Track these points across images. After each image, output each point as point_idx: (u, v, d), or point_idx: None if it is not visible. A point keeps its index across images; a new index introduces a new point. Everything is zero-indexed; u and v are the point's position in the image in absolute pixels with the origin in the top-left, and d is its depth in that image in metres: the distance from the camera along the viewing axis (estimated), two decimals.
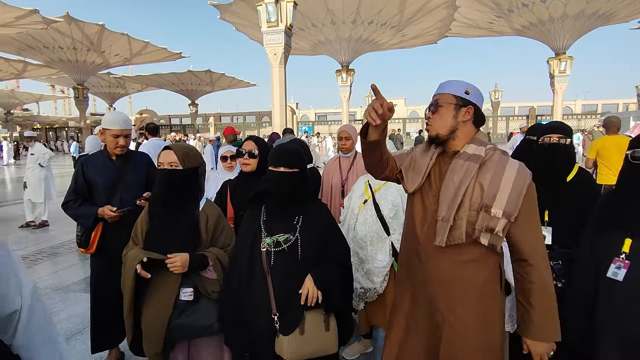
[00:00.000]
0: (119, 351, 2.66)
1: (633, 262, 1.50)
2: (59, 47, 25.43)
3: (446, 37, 27.74)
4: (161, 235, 1.72)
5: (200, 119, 44.12)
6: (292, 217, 1.60)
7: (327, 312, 1.55)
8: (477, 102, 1.42)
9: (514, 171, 1.33)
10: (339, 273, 1.61)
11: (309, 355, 1.50)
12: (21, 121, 51.57)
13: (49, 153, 7.24)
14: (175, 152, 1.73)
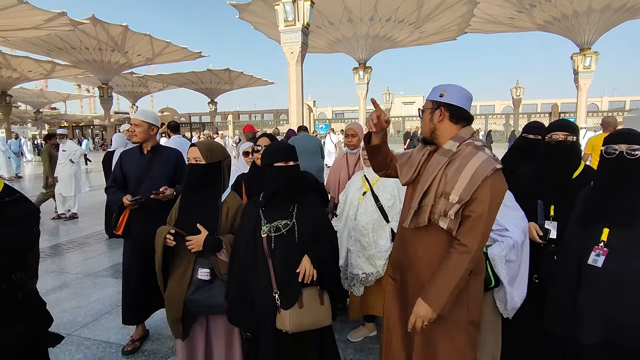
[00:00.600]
0: (145, 328, 2.90)
1: (610, 250, 1.64)
2: (85, 48, 26.32)
3: (465, 33, 27.27)
4: (187, 219, 1.92)
5: (219, 117, 44.85)
6: (288, 205, 1.78)
7: (321, 288, 1.74)
8: (453, 102, 1.55)
9: (476, 163, 1.45)
10: (331, 252, 1.80)
11: (307, 327, 1.68)
12: (49, 119, 53.58)
13: (79, 150, 7.64)
14: (200, 149, 1.94)
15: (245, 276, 1.75)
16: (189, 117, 56.08)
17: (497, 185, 1.46)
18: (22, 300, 1.69)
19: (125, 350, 2.70)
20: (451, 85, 1.59)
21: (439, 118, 1.57)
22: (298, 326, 1.65)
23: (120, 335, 2.90)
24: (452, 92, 1.55)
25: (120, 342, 2.81)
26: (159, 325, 2.98)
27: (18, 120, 52.44)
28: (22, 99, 45.86)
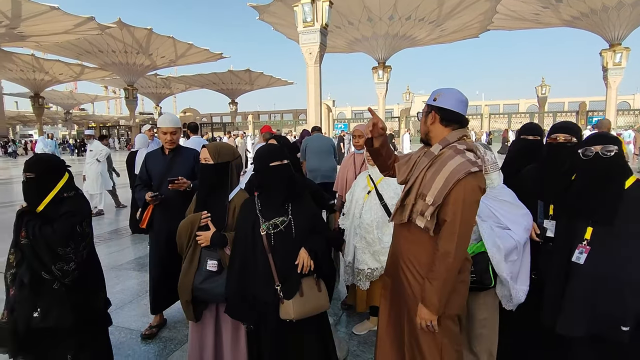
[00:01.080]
0: (163, 317, 3.09)
1: (593, 248, 1.72)
2: (112, 50, 27.30)
3: (488, 31, 26.71)
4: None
5: (239, 117, 45.54)
6: (283, 204, 1.87)
7: (318, 276, 1.85)
8: (444, 105, 1.61)
9: (451, 167, 1.52)
10: (325, 242, 1.91)
11: (309, 313, 1.79)
12: (78, 120, 55.76)
13: (105, 149, 7.99)
14: (209, 150, 2.08)
15: (246, 273, 1.86)
16: (211, 118, 57.20)
17: (470, 188, 1.49)
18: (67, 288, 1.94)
19: (143, 334, 2.89)
20: (447, 89, 1.65)
21: (431, 121, 1.65)
22: (301, 313, 1.76)
23: (140, 322, 3.08)
24: (445, 95, 1.63)
25: (140, 329, 2.98)
26: (176, 315, 3.14)
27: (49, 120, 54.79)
28: (53, 101, 47.94)
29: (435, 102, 1.64)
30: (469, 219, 1.52)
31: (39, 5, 19.69)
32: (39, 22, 21.07)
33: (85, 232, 2.04)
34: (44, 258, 1.89)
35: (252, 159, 2.36)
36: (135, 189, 2.96)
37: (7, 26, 20.67)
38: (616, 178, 1.74)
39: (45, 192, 1.96)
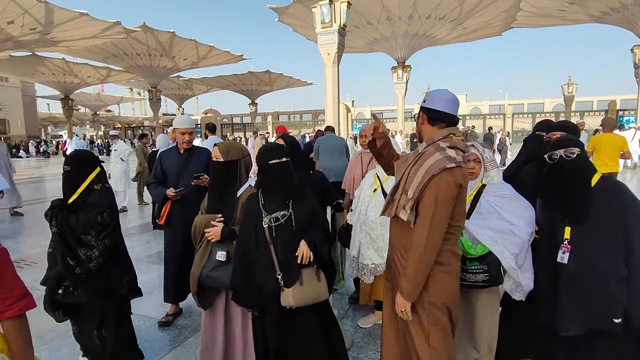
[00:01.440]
0: (178, 306, 3.27)
1: (573, 246, 1.80)
2: (136, 54, 28.18)
3: (511, 29, 26.09)
4: (212, 210, 2.22)
5: (259, 118, 46.11)
6: (284, 198, 1.97)
7: (317, 266, 1.94)
8: (431, 106, 1.70)
9: (428, 164, 1.60)
10: (324, 235, 1.98)
11: (308, 301, 1.89)
12: (105, 121, 57.75)
13: (128, 149, 8.37)
14: (219, 148, 2.22)
15: (250, 263, 1.97)
16: (231, 118, 58.11)
17: (444, 183, 1.56)
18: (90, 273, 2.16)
19: (160, 322, 3.08)
20: (437, 90, 1.74)
21: (420, 121, 1.76)
22: (300, 301, 1.86)
23: (158, 311, 3.25)
24: (433, 96, 1.71)
25: (158, 317, 3.16)
26: (191, 305, 3.30)
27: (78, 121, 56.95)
28: (81, 102, 49.83)
29: (424, 104, 1.73)
30: (442, 212, 1.58)
31: (69, 12, 20.58)
32: (70, 27, 22.00)
33: (106, 222, 2.22)
34: (70, 244, 2.12)
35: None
36: (149, 187, 3.10)
37: (41, 32, 21.68)
38: (582, 177, 1.83)
39: (78, 183, 2.21)
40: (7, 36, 21.06)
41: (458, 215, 1.66)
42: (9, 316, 1.31)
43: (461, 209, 1.69)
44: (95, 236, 2.15)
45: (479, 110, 50.97)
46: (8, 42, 21.76)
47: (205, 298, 2.18)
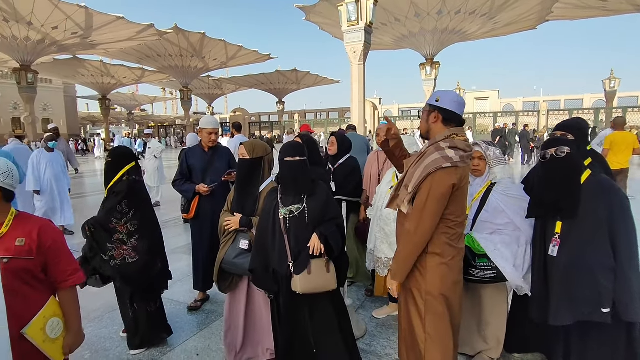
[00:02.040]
0: (206, 294, 3.50)
1: (562, 240, 1.90)
2: (169, 55, 29.22)
3: (547, 22, 25.05)
4: (237, 202, 2.41)
5: (286, 116, 46.65)
6: (300, 194, 2.09)
7: (328, 258, 2.04)
8: (447, 107, 1.77)
9: (426, 163, 1.70)
10: (336, 230, 2.07)
11: (315, 290, 2.01)
12: (139, 120, 60.18)
13: (161, 147, 8.79)
14: (245, 147, 2.41)
15: (267, 249, 2.12)
16: (259, 117, 59.09)
17: (438, 181, 1.66)
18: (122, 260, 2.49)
19: (189, 307, 3.31)
20: (446, 91, 1.82)
21: (433, 120, 1.81)
22: (306, 288, 1.99)
23: (187, 297, 3.48)
24: (446, 98, 1.78)
25: (187, 302, 3.39)
26: (218, 293, 3.48)
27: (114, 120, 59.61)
28: (117, 102, 52.15)
29: (437, 103, 1.78)
30: (433, 207, 1.68)
31: (107, 16, 21.67)
32: (107, 31, 23.15)
33: (124, 210, 2.51)
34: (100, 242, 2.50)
35: None
36: (176, 184, 3.27)
37: (81, 36, 22.95)
38: (572, 175, 1.90)
39: (115, 174, 2.55)
40: (52, 41, 22.44)
41: (457, 211, 1.75)
42: (66, 287, 1.58)
43: (460, 206, 1.76)
44: (117, 221, 2.49)
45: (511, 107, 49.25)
46: (53, 46, 23.16)
47: (225, 283, 2.41)
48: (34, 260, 1.47)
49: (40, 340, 1.50)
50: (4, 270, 1.40)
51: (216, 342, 2.78)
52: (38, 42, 21.98)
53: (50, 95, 45.85)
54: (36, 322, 1.49)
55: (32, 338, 1.47)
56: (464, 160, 1.70)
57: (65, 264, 1.58)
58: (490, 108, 46.79)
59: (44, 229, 1.53)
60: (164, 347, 2.73)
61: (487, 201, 2.23)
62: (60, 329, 1.57)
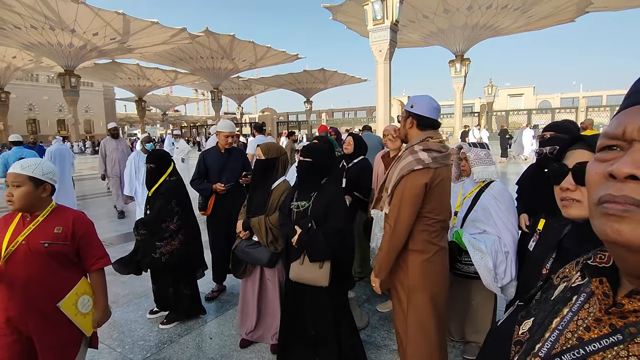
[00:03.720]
0: (222, 284, 3.73)
1: (539, 236, 1.91)
2: (200, 57, 30.21)
3: (587, 13, 23.83)
4: (252, 201, 2.64)
5: (314, 115, 46.98)
6: (310, 191, 2.25)
7: (310, 260, 2.13)
8: (421, 112, 1.86)
9: (400, 166, 1.82)
10: (321, 239, 2.10)
11: (304, 281, 2.14)
12: (173, 120, 62.44)
13: (187, 148, 9.18)
14: (261, 148, 2.61)
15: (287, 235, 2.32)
16: (287, 116, 59.80)
17: (410, 183, 1.76)
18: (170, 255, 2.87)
19: (207, 297, 3.54)
20: (421, 97, 1.91)
21: (409, 125, 1.91)
22: (295, 277, 2.16)
23: (206, 287, 3.70)
24: (421, 103, 1.87)
25: (205, 292, 3.61)
26: (233, 285, 3.73)
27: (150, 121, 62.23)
28: (152, 104, 54.45)
29: (412, 109, 1.88)
30: (406, 207, 1.78)
31: (143, 22, 22.75)
32: (143, 35, 24.28)
33: (175, 209, 2.86)
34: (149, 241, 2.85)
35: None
36: (194, 183, 3.47)
37: (119, 41, 24.21)
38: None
39: (158, 177, 2.93)
40: (92, 46, 23.82)
41: (436, 209, 1.83)
42: (96, 268, 1.82)
43: (439, 204, 1.83)
44: (170, 219, 2.86)
45: (548, 104, 47.21)
46: (93, 51, 24.59)
47: (239, 268, 2.67)
48: (69, 246, 1.70)
49: (73, 314, 1.72)
50: (46, 253, 1.63)
51: (229, 328, 2.98)
52: (80, 48, 23.41)
53: (92, 97, 48.58)
54: (69, 297, 1.71)
55: (65, 311, 1.70)
56: (437, 160, 1.78)
57: (94, 250, 1.81)
58: (525, 105, 45.04)
59: (77, 219, 1.76)
60: (182, 330, 2.98)
61: (477, 201, 2.29)
62: (89, 306, 1.79)
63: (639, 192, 0.39)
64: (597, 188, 0.43)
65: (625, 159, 0.40)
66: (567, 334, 0.49)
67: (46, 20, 20.52)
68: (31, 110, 45.30)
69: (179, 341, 2.82)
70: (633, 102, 0.44)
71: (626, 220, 0.39)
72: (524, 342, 0.58)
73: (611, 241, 0.41)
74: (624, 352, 0.40)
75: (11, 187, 1.62)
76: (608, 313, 0.44)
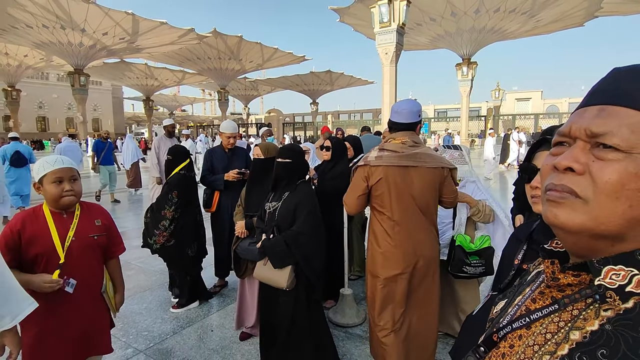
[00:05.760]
0: (224, 280, 3.83)
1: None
2: (207, 57, 30.44)
3: (596, 18, 23.69)
4: (247, 198, 2.72)
5: (320, 117, 47.08)
6: (283, 192, 2.26)
7: (273, 266, 2.14)
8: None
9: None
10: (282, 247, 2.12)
11: (263, 279, 2.20)
12: (180, 120, 62.90)
13: (193, 147, 9.37)
14: (260, 148, 2.69)
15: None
16: (293, 117, 60.00)
17: (355, 175, 2.14)
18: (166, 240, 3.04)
19: (209, 291, 3.62)
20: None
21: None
22: (257, 275, 2.23)
23: (209, 283, 3.77)
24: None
25: (208, 287, 3.68)
26: (235, 280, 3.79)
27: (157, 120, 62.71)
28: (160, 103, 54.91)
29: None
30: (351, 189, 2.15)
31: (152, 22, 23.03)
32: (151, 35, 24.56)
33: (174, 200, 3.02)
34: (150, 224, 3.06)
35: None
36: (205, 177, 3.57)
37: (128, 41, 24.51)
38: None
39: (173, 169, 3.15)
40: (102, 46, 24.15)
41: (382, 204, 2.06)
42: (116, 256, 1.93)
43: (383, 200, 2.04)
44: (167, 208, 3.02)
45: (556, 109, 46.93)
46: (103, 51, 24.91)
47: (240, 268, 2.70)
48: (106, 236, 1.81)
49: (110, 297, 1.88)
50: (96, 244, 1.75)
51: (229, 322, 3.07)
52: (90, 47, 23.75)
53: (100, 96, 49.16)
54: (107, 283, 1.86)
55: (107, 296, 1.85)
56: (381, 158, 2.03)
57: (116, 237, 1.92)
58: (532, 109, 44.80)
59: (104, 210, 1.90)
60: (185, 322, 3.07)
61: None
62: (111, 290, 1.92)
63: (574, 182, 0.45)
64: (546, 178, 0.50)
65: (567, 153, 0.47)
66: (522, 307, 0.56)
67: (57, 19, 20.85)
68: (41, 108, 45.96)
69: (181, 332, 2.91)
70: (584, 104, 0.50)
71: (562, 205, 0.46)
72: (495, 318, 0.66)
73: (551, 224, 0.48)
74: (557, 319, 0.47)
75: (68, 182, 1.64)
76: (548, 287, 0.51)
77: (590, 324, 0.44)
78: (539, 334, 0.48)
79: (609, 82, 0.48)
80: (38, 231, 1.61)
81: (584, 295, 0.46)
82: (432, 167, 2.03)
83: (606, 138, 0.44)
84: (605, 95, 0.47)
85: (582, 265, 0.47)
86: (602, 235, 0.44)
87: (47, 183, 1.63)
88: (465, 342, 0.81)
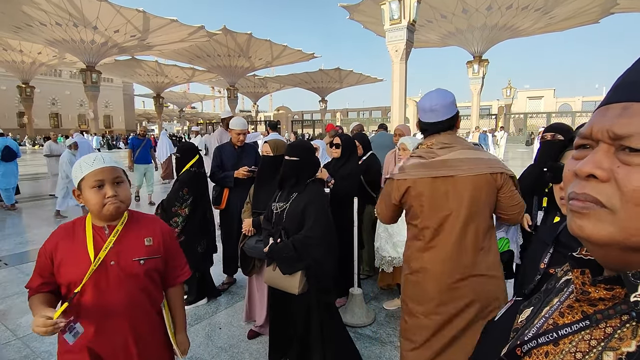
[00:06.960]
0: (232, 277, 3.84)
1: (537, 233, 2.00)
2: (217, 55, 30.56)
3: (612, 15, 23.18)
4: (255, 196, 2.70)
5: (328, 115, 46.96)
6: (291, 192, 2.16)
7: (282, 272, 2.04)
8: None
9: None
10: (291, 252, 2.02)
11: (275, 285, 2.11)
12: (189, 117, 63.36)
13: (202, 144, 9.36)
14: (269, 144, 2.67)
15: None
16: (302, 115, 59.94)
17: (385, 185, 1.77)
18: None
19: (217, 288, 3.62)
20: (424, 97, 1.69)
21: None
22: (267, 280, 2.16)
23: (217, 280, 3.78)
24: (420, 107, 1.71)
25: (217, 284, 3.68)
26: (244, 277, 3.77)
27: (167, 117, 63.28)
28: (170, 100, 55.30)
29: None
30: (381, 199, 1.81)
31: (162, 19, 23.18)
32: (162, 33, 24.72)
33: (185, 197, 3.06)
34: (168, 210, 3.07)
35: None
36: (215, 174, 3.54)
37: (139, 38, 24.70)
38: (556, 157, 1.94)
39: (184, 165, 3.17)
40: (113, 43, 24.37)
41: (414, 215, 1.65)
42: (180, 281, 1.48)
43: (415, 210, 1.64)
44: (179, 205, 3.05)
45: (569, 107, 46.10)
46: (114, 48, 25.14)
47: (248, 266, 2.68)
48: (162, 259, 1.38)
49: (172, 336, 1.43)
50: (143, 272, 1.30)
51: (238, 320, 3.05)
52: (102, 44, 23.99)
53: (111, 93, 49.67)
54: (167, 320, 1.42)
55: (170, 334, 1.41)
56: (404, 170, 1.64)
57: (179, 259, 1.48)
58: (544, 108, 44.11)
59: (163, 225, 1.45)
60: (193, 319, 3.06)
61: None
62: (172, 327, 1.44)
63: (597, 191, 0.40)
64: (569, 185, 0.45)
65: (588, 158, 0.42)
66: (550, 321, 0.51)
67: (70, 17, 21.09)
68: (54, 104, 46.59)
69: (189, 330, 2.89)
70: (607, 100, 0.45)
71: (586, 216, 0.41)
72: (520, 329, 0.61)
73: (577, 236, 0.44)
74: (587, 336, 0.43)
75: (111, 186, 1.26)
76: (577, 300, 0.46)
77: (626, 344, 0.39)
78: (567, 352, 0.44)
79: (634, 73, 0.42)
80: (71, 252, 1.25)
81: (619, 312, 0.41)
82: (473, 174, 1.52)
83: (631, 141, 0.39)
84: (629, 90, 0.42)
85: (616, 279, 0.42)
86: (634, 247, 0.40)
87: (86, 188, 1.26)
88: (486, 351, 0.76)
